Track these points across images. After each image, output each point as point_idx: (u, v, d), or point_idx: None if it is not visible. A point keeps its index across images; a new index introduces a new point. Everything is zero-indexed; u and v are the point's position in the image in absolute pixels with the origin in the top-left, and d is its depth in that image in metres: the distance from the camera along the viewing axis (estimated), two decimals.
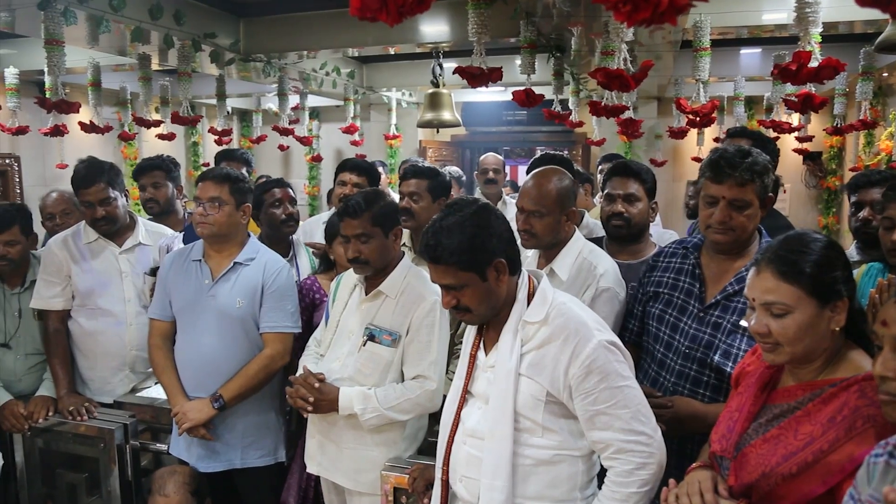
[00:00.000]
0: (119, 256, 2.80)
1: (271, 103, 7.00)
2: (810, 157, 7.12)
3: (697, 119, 4.04)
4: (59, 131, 3.98)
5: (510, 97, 3.43)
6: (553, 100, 4.28)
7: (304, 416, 2.23)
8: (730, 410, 1.54)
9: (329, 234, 2.66)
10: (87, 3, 3.36)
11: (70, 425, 2.62)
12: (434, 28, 4.47)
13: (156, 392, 2.79)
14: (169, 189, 3.36)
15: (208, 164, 7.50)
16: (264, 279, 2.46)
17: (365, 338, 2.17)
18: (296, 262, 3.05)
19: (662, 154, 7.14)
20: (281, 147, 7.30)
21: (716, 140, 6.59)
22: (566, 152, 7.83)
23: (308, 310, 2.66)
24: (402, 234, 2.28)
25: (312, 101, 6.86)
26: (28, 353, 2.80)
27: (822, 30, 2.45)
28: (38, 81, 5.63)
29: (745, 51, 5.66)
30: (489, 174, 4.30)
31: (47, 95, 3.53)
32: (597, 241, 2.47)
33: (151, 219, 3.23)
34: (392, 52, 5.45)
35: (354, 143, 7.19)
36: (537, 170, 2.29)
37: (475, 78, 2.91)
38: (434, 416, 2.17)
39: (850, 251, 2.59)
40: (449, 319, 2.21)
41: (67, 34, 3.31)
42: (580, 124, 5.02)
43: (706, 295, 1.97)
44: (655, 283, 2.12)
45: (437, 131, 6.45)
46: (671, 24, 1.12)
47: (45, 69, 3.34)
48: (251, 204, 2.55)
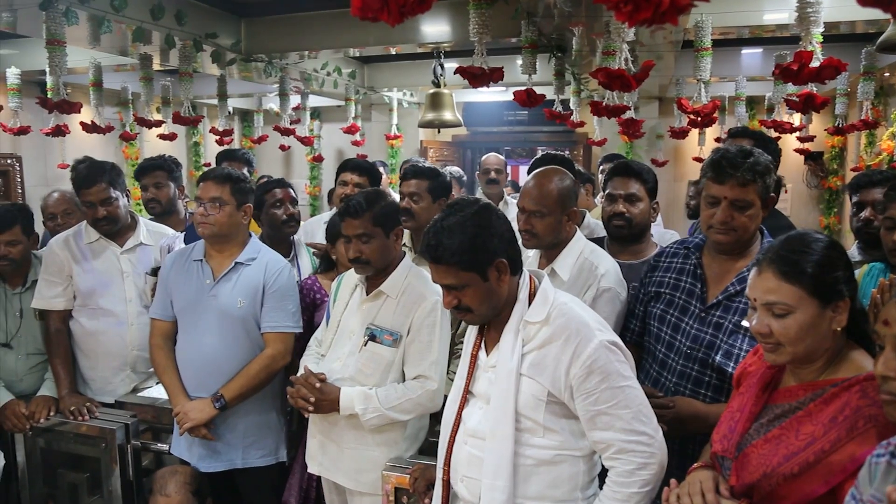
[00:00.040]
0: (120, 256, 2.81)
1: (272, 103, 6.99)
2: (812, 158, 7.11)
3: (699, 119, 4.04)
4: (60, 131, 3.99)
5: (511, 97, 3.43)
6: (554, 100, 4.28)
7: (305, 416, 2.23)
8: (731, 411, 1.54)
9: (331, 234, 2.66)
10: (88, 3, 3.36)
11: (71, 425, 2.62)
12: (435, 28, 4.47)
13: (157, 392, 2.79)
14: (171, 189, 3.36)
15: (209, 165, 7.50)
16: (265, 279, 2.46)
17: (366, 338, 2.17)
18: (297, 263, 3.06)
19: (664, 154, 7.13)
20: (282, 147, 7.30)
21: (717, 140, 6.58)
22: (567, 152, 7.83)
23: (309, 310, 2.67)
24: (402, 235, 2.28)
25: (314, 101, 6.86)
26: (29, 352, 2.80)
27: (823, 30, 2.45)
28: (40, 81, 5.64)
29: (746, 51, 5.66)
30: (491, 174, 4.31)
31: (49, 95, 3.53)
32: (598, 241, 2.47)
33: (153, 219, 3.24)
34: (393, 53, 5.45)
35: (355, 143, 7.19)
36: (538, 170, 2.29)
37: (476, 78, 2.91)
38: (435, 416, 2.16)
39: (852, 251, 2.59)
40: (450, 319, 2.21)
41: (69, 34, 3.31)
42: (581, 124, 5.01)
43: (708, 295, 1.97)
44: (657, 283, 2.12)
45: (439, 131, 6.46)
46: (672, 24, 1.11)
47: (47, 69, 3.35)
48: (252, 204, 2.56)
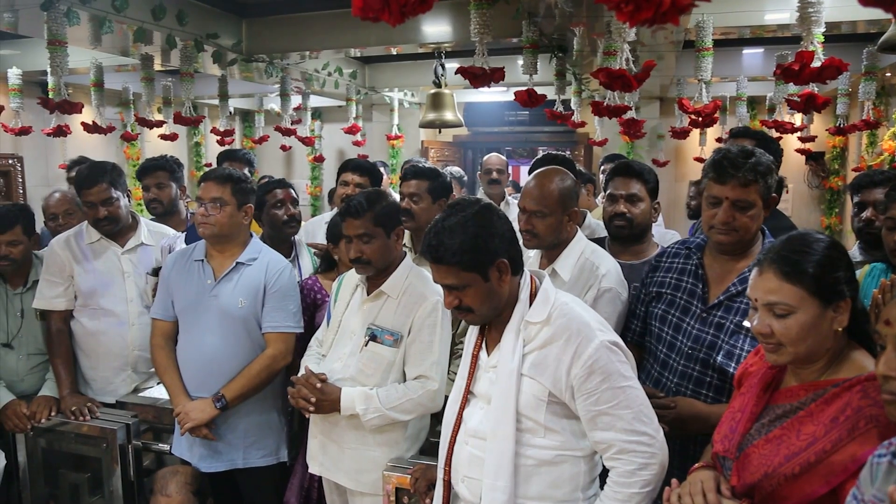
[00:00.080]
0: (121, 256, 2.81)
1: (273, 104, 6.99)
2: (813, 158, 7.11)
3: (700, 119, 4.05)
4: (61, 132, 4.00)
5: (512, 97, 3.43)
6: (555, 100, 4.28)
7: (306, 416, 2.23)
8: (732, 411, 1.54)
9: (333, 234, 2.66)
10: (89, 3, 3.36)
11: (72, 425, 2.62)
12: (436, 28, 4.47)
13: (158, 392, 2.79)
14: (172, 189, 3.36)
15: (211, 165, 7.51)
16: (266, 279, 2.47)
17: (367, 338, 2.17)
18: (298, 263, 3.06)
19: (665, 154, 7.12)
20: (283, 147, 7.30)
21: (718, 140, 6.59)
22: (568, 152, 7.83)
23: (309, 310, 2.66)
24: (403, 235, 2.28)
25: (314, 101, 6.86)
26: (30, 353, 2.80)
27: (824, 30, 2.45)
28: (41, 82, 5.64)
29: (747, 51, 5.66)
30: (493, 174, 4.31)
31: (50, 96, 3.53)
32: (599, 241, 2.47)
33: (154, 219, 3.24)
34: (394, 53, 5.45)
35: (356, 143, 7.19)
36: (539, 170, 2.29)
37: (477, 78, 2.91)
38: (436, 417, 2.16)
39: (853, 251, 2.58)
40: (450, 319, 2.21)
41: (70, 35, 3.32)
42: (582, 124, 5.01)
43: (709, 295, 1.96)
44: (658, 283, 2.12)
45: (440, 131, 6.47)
46: (673, 24, 1.11)
47: (48, 70, 3.35)
48: (253, 204, 2.56)
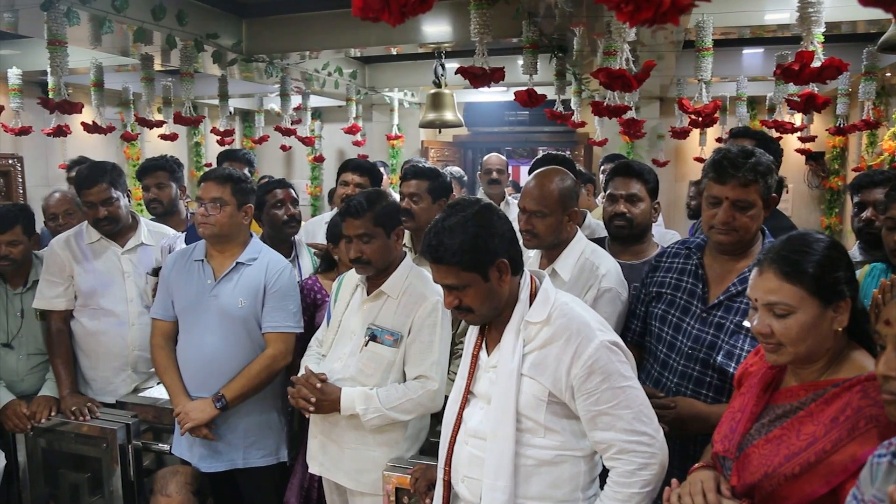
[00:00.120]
0: (121, 257, 2.80)
1: (273, 104, 7.00)
2: (813, 158, 7.11)
3: (700, 119, 4.05)
4: (61, 132, 4.00)
5: (512, 97, 3.43)
6: (555, 100, 4.28)
7: (306, 416, 2.23)
8: (732, 411, 1.54)
9: (333, 234, 2.66)
10: (89, 3, 3.36)
11: (72, 425, 2.62)
12: (436, 28, 4.47)
13: (158, 392, 2.79)
14: (173, 189, 3.36)
15: (211, 165, 7.51)
16: (266, 279, 2.47)
17: (367, 338, 2.17)
18: (298, 263, 3.06)
19: (665, 154, 7.12)
20: (283, 147, 7.30)
21: (718, 140, 6.58)
22: (568, 152, 7.83)
23: (309, 310, 2.66)
24: (403, 235, 2.28)
25: (314, 101, 6.86)
26: (30, 353, 2.80)
27: (824, 29, 2.45)
28: (41, 82, 5.64)
29: (747, 51, 5.65)
30: (493, 174, 4.31)
31: (50, 96, 3.53)
32: (599, 241, 2.47)
33: (154, 219, 3.24)
34: (394, 53, 5.45)
35: (356, 143, 7.19)
36: (539, 170, 2.29)
37: (477, 78, 2.91)
38: (436, 417, 2.16)
39: (853, 251, 2.58)
40: (450, 319, 2.21)
41: (70, 35, 3.32)
42: (582, 124, 5.01)
43: (709, 295, 1.96)
44: (658, 283, 2.12)
45: (440, 132, 6.47)
46: (673, 24, 1.11)
47: (48, 70, 3.35)
48: (253, 204, 2.56)
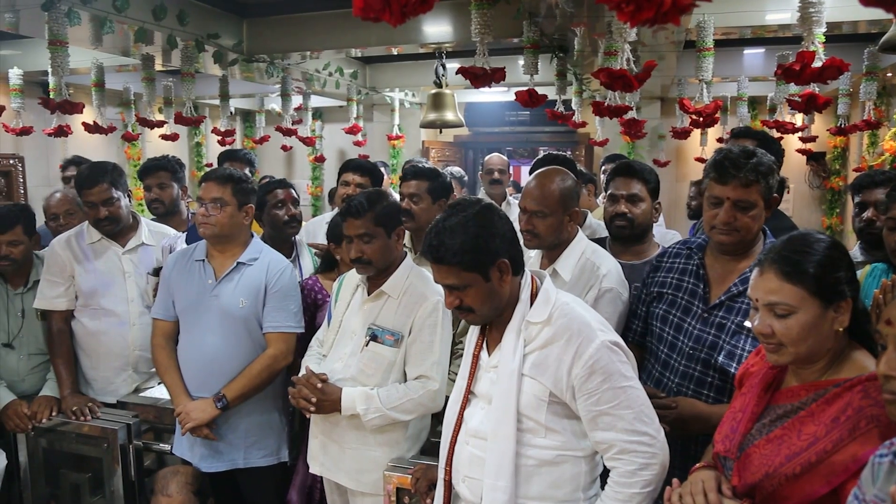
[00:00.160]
0: (122, 257, 2.81)
1: (274, 104, 7.00)
2: (814, 158, 7.11)
3: (701, 119, 4.05)
4: (62, 132, 3.99)
5: (513, 97, 3.43)
6: (556, 100, 4.28)
7: (307, 416, 2.23)
8: (733, 411, 1.54)
9: (334, 234, 2.66)
10: (90, 3, 3.36)
11: (73, 425, 2.62)
12: (437, 28, 4.47)
13: (159, 392, 2.79)
14: (174, 190, 3.36)
15: (211, 165, 7.51)
16: (267, 279, 2.47)
17: (367, 338, 2.17)
18: (298, 263, 3.06)
19: (665, 154, 7.13)
20: (284, 147, 7.31)
21: (719, 140, 6.59)
22: (569, 153, 7.83)
23: (310, 310, 2.66)
24: (404, 235, 2.28)
25: (315, 101, 6.86)
26: (31, 353, 2.80)
27: (825, 30, 2.45)
28: (42, 82, 5.65)
29: (748, 51, 5.65)
30: (494, 174, 4.31)
31: (51, 96, 3.53)
32: (600, 241, 2.47)
33: (155, 219, 3.24)
34: (395, 53, 5.45)
35: (357, 143, 7.20)
36: (540, 170, 2.29)
37: (478, 78, 2.91)
38: (437, 417, 2.16)
39: (854, 252, 2.58)
40: (451, 319, 2.21)
41: (71, 35, 3.32)
42: (583, 125, 5.01)
43: (710, 295, 1.96)
44: (659, 283, 2.12)
45: (440, 132, 6.47)
46: (674, 24, 1.11)
47: (49, 70, 3.35)
48: (254, 205, 2.56)
